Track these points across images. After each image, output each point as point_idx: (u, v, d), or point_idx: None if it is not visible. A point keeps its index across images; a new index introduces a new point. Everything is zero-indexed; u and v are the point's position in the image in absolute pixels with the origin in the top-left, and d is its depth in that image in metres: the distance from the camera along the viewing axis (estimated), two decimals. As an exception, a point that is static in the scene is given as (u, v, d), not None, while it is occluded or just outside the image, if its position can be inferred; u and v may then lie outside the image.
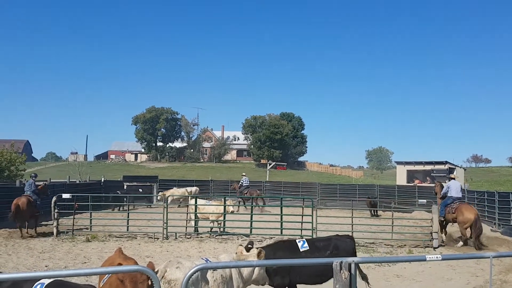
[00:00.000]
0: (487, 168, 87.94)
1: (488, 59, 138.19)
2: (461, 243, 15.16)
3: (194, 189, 28.29)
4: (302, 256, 6.75)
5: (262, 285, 6.39)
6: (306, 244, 7.03)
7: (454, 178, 16.60)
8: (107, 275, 4.79)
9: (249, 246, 6.36)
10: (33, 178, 16.99)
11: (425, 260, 4.60)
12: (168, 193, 25.82)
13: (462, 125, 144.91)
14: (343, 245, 7.35)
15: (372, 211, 24.10)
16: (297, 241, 7.26)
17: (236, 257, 5.90)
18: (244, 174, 29.21)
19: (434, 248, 14.34)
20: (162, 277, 5.24)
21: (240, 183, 27.86)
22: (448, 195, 15.76)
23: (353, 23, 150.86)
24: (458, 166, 36.37)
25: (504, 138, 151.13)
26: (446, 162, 33.40)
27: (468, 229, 15.06)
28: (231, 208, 16.33)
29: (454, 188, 15.87)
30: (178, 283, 5.08)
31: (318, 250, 7.02)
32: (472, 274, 10.75)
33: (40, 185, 17.46)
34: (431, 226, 14.60)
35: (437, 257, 4.67)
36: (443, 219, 15.55)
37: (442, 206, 15.51)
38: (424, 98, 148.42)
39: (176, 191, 26.16)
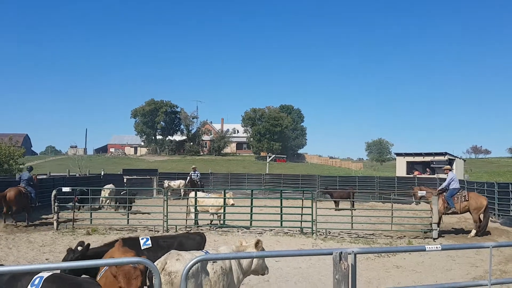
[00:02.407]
0: (487, 159, 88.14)
1: (486, 50, 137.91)
2: (474, 231, 15.10)
3: (178, 182, 28.42)
4: (144, 254, 6.40)
5: (262, 275, 6.41)
6: (149, 242, 6.76)
7: (451, 170, 16.44)
8: (104, 268, 4.78)
9: (80, 246, 6.13)
10: (30, 172, 17.19)
11: (424, 250, 4.60)
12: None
13: (462, 116, 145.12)
14: (190, 243, 7.04)
15: (336, 203, 22.80)
16: (140, 238, 6.94)
17: (236, 249, 5.91)
18: (194, 166, 27.90)
19: (434, 239, 14.37)
20: (162, 269, 5.24)
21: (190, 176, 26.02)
22: (452, 186, 15.53)
23: (350, 15, 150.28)
24: (457, 157, 36.39)
25: (504, 129, 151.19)
26: (446, 153, 33.42)
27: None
28: (231, 201, 16.34)
29: (456, 179, 15.77)
30: (178, 275, 5.08)
31: (161, 248, 6.66)
32: (472, 265, 10.78)
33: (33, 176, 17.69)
34: (431, 217, 14.62)
35: (436, 247, 4.67)
36: (454, 210, 15.34)
37: (449, 198, 15.27)
38: (423, 89, 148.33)
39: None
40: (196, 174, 25.97)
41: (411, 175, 32.78)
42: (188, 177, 25.95)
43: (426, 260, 11.20)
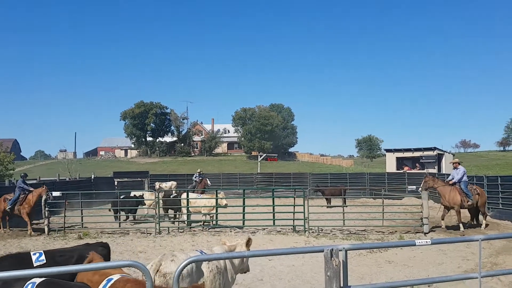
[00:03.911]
0: (476, 153, 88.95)
1: (473, 45, 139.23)
2: (484, 222, 15.47)
3: (170, 183, 28.34)
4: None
5: (244, 273, 6.44)
6: (43, 257, 5.96)
7: (460, 163, 16.07)
8: (108, 280, 4.59)
9: None
10: (23, 178, 16.88)
11: (414, 244, 4.65)
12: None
13: (450, 111, 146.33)
14: None
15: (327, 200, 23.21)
16: (32, 253, 6.08)
17: (228, 248, 5.94)
18: (200, 170, 26.79)
19: (425, 233, 14.50)
20: (157, 271, 5.23)
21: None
22: (464, 179, 15.38)
23: (338, 13, 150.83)
24: (446, 152, 36.68)
25: (492, 123, 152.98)
26: (435, 148, 33.67)
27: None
28: (224, 201, 16.32)
29: (465, 173, 15.66)
30: (175, 276, 5.08)
31: (58, 263, 5.88)
32: (463, 258, 10.89)
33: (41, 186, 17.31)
34: (421, 212, 14.75)
35: (426, 241, 4.72)
36: (472, 202, 15.18)
37: (467, 189, 15.15)
38: (411, 85, 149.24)
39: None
40: (200, 178, 24.80)
41: (401, 171, 33.04)
42: (202, 180, 24.52)
43: (418, 254, 11.30)
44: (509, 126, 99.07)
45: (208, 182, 24.84)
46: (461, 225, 15.00)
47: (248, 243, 5.89)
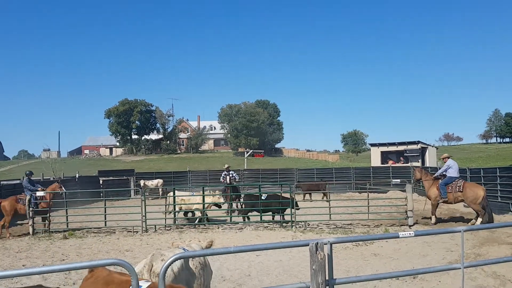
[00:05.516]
0: (459, 146, 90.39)
1: (456, 38, 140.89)
2: (480, 219, 14.29)
3: (156, 181, 28.26)
4: None
5: None
6: None
7: (450, 157, 15.69)
8: None
9: None
10: (28, 176, 16.44)
11: (398, 237, 4.70)
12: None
13: (433, 105, 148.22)
14: None
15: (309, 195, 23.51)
16: None
17: (206, 245, 6.10)
18: (228, 166, 21.99)
19: (410, 226, 14.67)
20: (150, 271, 5.24)
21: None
22: (450, 175, 14.99)
23: (323, 9, 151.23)
24: (430, 145, 37.13)
25: (475, 116, 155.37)
26: (419, 142, 34.06)
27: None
28: (221, 199, 16.27)
29: (455, 167, 15.16)
30: (168, 275, 5.09)
31: None
32: (447, 250, 11.03)
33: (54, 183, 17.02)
34: (406, 205, 14.92)
35: (410, 233, 4.78)
36: (445, 200, 14.93)
37: (443, 186, 14.86)
38: (395, 81, 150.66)
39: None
40: (231, 175, 20.43)
41: (386, 165, 33.37)
42: (227, 178, 20.25)
43: (403, 247, 11.43)
44: (491, 119, 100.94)
45: (228, 180, 20.34)
46: (433, 217, 15.11)
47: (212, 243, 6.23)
